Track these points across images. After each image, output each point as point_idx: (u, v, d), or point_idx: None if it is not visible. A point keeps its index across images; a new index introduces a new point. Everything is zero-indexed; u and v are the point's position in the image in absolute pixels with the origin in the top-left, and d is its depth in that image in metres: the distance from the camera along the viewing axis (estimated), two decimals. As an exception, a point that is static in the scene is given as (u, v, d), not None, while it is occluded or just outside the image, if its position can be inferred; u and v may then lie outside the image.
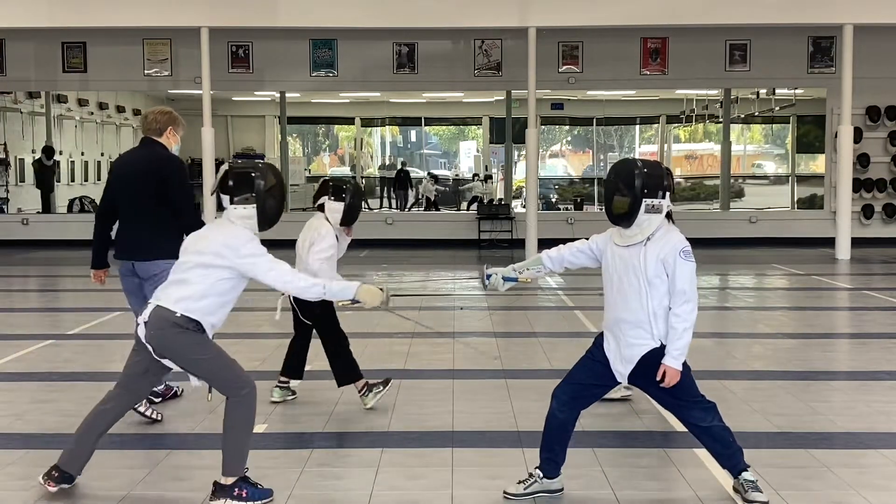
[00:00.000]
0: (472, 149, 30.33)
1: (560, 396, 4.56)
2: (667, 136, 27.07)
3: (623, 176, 4.38)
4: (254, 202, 4.51)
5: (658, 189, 4.34)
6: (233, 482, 4.45)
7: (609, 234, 4.55)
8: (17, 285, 14.38)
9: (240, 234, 4.51)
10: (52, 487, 4.58)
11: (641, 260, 4.35)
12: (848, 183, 16.60)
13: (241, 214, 4.53)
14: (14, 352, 8.16)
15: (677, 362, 4.34)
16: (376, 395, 6.25)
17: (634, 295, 4.37)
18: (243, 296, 4.76)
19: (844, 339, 9.44)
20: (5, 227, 19.24)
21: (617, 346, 4.45)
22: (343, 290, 4.61)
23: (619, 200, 4.36)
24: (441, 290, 11.65)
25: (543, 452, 4.62)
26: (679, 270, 4.32)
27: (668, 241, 4.36)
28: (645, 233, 4.35)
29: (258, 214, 4.53)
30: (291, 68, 19.28)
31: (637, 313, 4.37)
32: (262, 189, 4.51)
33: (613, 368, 4.47)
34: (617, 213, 4.38)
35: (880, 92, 18.74)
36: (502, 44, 18.96)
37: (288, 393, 6.47)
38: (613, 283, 4.45)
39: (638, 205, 4.31)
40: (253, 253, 4.49)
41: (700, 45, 18.59)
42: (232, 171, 4.54)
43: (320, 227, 6.22)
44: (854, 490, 4.70)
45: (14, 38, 18.86)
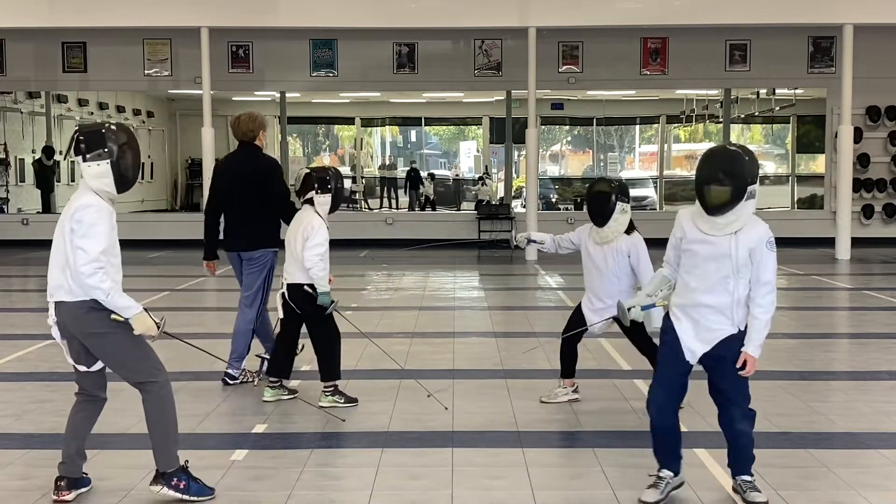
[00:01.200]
0: (472, 149, 30.33)
1: (655, 402, 4.50)
2: (667, 136, 27.06)
3: (727, 165, 4.28)
4: (106, 158, 4.38)
5: (757, 175, 4.35)
6: (171, 472, 4.50)
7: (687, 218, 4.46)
8: (17, 285, 14.38)
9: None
10: (68, 496, 4.56)
11: (733, 249, 4.32)
12: (848, 183, 16.60)
13: (95, 173, 4.40)
14: (14, 352, 8.16)
15: (759, 352, 4.36)
16: (335, 402, 6.24)
17: (720, 282, 4.35)
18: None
19: (844, 339, 9.44)
20: (5, 227, 19.24)
21: (695, 329, 4.42)
22: (125, 307, 4.38)
23: (720, 190, 4.25)
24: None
25: (660, 455, 4.56)
26: (765, 261, 4.34)
27: (756, 231, 4.35)
28: (742, 220, 4.31)
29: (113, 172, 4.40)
30: (291, 68, 19.28)
31: (722, 300, 4.36)
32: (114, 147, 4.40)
33: (685, 347, 4.42)
34: (717, 204, 4.27)
35: (880, 92, 18.73)
36: (502, 44, 18.96)
37: (283, 392, 6.46)
38: (696, 269, 4.40)
39: (743, 193, 4.25)
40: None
41: (700, 45, 18.58)
42: (81, 130, 4.45)
43: (311, 220, 6.25)
44: (854, 490, 4.70)
45: (14, 38, 18.85)
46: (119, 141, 4.43)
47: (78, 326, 4.42)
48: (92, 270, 4.28)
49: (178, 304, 11.32)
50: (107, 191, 4.43)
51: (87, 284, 4.30)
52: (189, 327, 9.59)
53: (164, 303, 11.34)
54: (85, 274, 4.28)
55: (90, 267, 4.28)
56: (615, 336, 8.14)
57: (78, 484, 4.64)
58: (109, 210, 4.42)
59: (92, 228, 4.32)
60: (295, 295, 6.31)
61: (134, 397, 6.13)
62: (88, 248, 4.29)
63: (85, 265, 4.28)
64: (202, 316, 10.75)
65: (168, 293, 12.24)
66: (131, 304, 4.39)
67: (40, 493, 4.64)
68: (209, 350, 5.88)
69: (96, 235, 4.32)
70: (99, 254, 4.30)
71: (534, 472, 4.95)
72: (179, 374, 7.35)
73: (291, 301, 6.33)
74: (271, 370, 6.51)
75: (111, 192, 4.44)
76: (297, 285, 6.30)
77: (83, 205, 4.36)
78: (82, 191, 4.44)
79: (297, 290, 6.30)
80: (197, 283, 13.36)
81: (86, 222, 4.32)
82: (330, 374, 6.32)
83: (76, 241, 4.31)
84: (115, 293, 4.34)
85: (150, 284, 13.10)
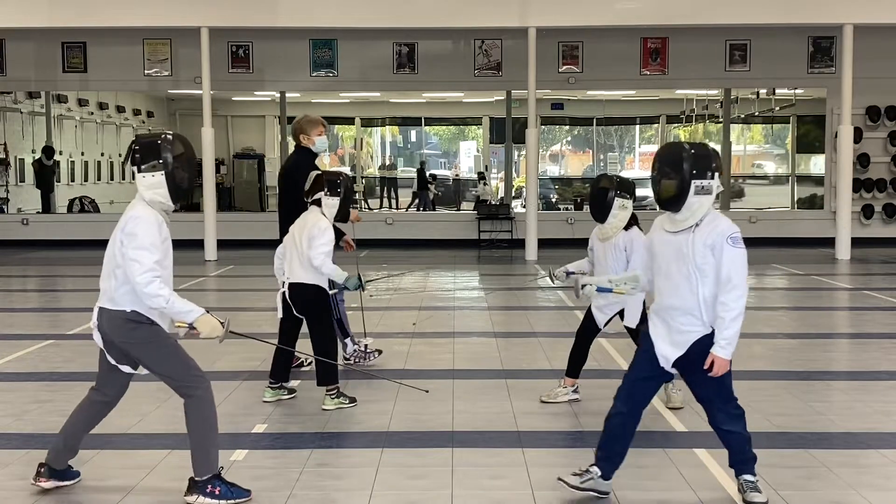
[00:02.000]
0: (472, 149, 30.34)
1: (617, 395, 4.53)
2: (667, 136, 27.07)
3: (669, 159, 4.32)
4: (161, 169, 4.42)
5: (707, 170, 4.27)
6: (206, 479, 4.48)
7: (658, 222, 4.50)
8: (17, 285, 14.39)
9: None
10: (45, 483, 4.60)
11: (690, 246, 4.30)
12: (848, 183, 16.60)
13: (149, 183, 4.44)
14: (14, 352, 8.16)
15: (725, 352, 4.29)
16: (340, 404, 6.25)
17: (684, 282, 4.32)
18: (242, 295, 4.76)
19: (844, 339, 9.44)
20: (5, 227, 19.24)
21: (667, 331, 4.41)
22: (187, 311, 4.45)
23: (666, 184, 4.29)
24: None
25: (599, 451, 4.57)
26: (726, 257, 4.26)
27: (715, 227, 4.30)
28: (696, 216, 4.29)
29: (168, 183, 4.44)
30: (291, 68, 19.27)
31: (687, 300, 4.33)
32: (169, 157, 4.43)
33: (659, 352, 4.41)
34: (665, 198, 4.31)
35: (880, 92, 18.73)
36: (502, 44, 18.96)
37: (283, 393, 6.47)
38: (661, 269, 4.42)
39: (687, 187, 4.25)
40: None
41: (700, 45, 18.58)
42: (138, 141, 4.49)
43: (318, 221, 6.28)
44: (854, 490, 4.70)
45: (14, 38, 18.85)
46: (175, 152, 4.46)
47: (117, 334, 4.47)
48: (149, 279, 4.33)
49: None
50: (160, 201, 4.47)
51: (146, 293, 4.34)
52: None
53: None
54: (142, 283, 4.33)
55: (147, 276, 4.33)
56: (615, 336, 8.15)
57: (62, 476, 4.65)
58: (159, 220, 4.45)
59: (143, 240, 4.37)
60: (296, 294, 6.31)
61: (134, 397, 6.11)
62: (142, 259, 4.34)
63: (141, 275, 4.33)
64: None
65: (168, 293, 12.22)
66: (193, 307, 4.45)
67: (40, 492, 4.63)
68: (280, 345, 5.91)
69: (148, 247, 4.36)
70: (154, 263, 4.36)
71: (534, 472, 4.95)
72: (179, 374, 7.36)
73: (291, 300, 6.33)
74: (272, 372, 6.51)
75: (165, 203, 4.48)
76: (299, 284, 6.30)
77: (133, 217, 4.42)
78: (136, 201, 4.48)
79: (298, 289, 6.30)
80: (197, 283, 13.37)
81: (139, 234, 4.37)
82: (329, 378, 6.31)
83: (129, 254, 4.37)
84: (174, 299, 4.40)
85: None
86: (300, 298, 6.31)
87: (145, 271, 4.33)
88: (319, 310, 6.34)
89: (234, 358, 7.95)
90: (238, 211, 23.68)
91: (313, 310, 6.33)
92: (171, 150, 4.44)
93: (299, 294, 6.31)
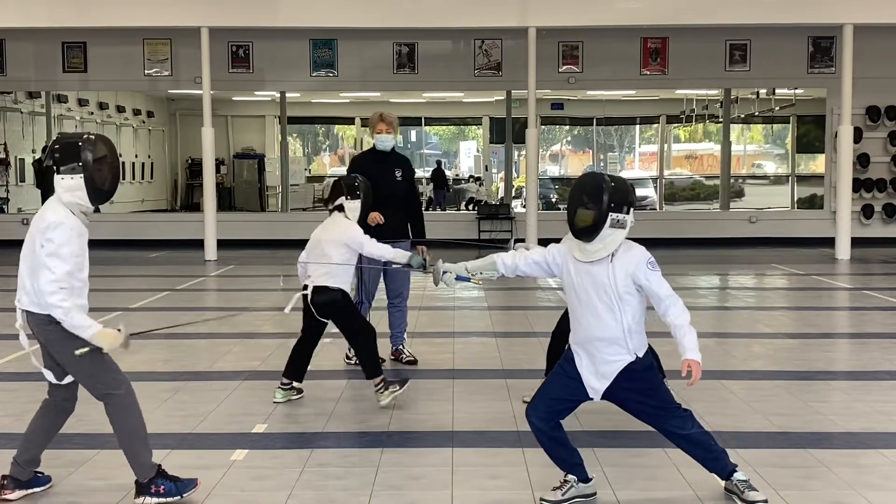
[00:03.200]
0: (472, 149, 30.34)
1: (535, 414, 4.47)
2: (667, 136, 27.07)
3: (589, 189, 4.30)
4: (81, 172, 4.30)
5: (624, 204, 4.27)
6: (148, 480, 4.47)
7: (568, 248, 4.46)
8: (17, 285, 14.35)
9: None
10: (10, 495, 4.53)
11: (611, 277, 4.29)
12: (848, 183, 16.60)
13: (68, 186, 4.31)
14: (14, 352, 8.15)
15: (696, 354, 4.31)
16: (392, 393, 6.24)
17: (607, 312, 4.32)
18: (242, 295, 4.76)
19: (844, 339, 9.43)
20: (5, 227, 19.21)
21: (591, 363, 4.40)
22: (83, 327, 4.32)
23: (583, 213, 4.27)
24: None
25: (557, 463, 4.57)
26: (653, 280, 4.31)
27: (632, 255, 4.32)
28: (608, 248, 4.29)
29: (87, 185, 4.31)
30: (291, 68, 19.28)
31: (612, 330, 4.33)
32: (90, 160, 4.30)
33: (587, 384, 4.42)
34: (580, 227, 4.29)
35: (880, 92, 18.73)
36: (502, 44, 18.96)
37: (292, 393, 6.46)
38: (581, 300, 4.39)
39: (604, 219, 4.24)
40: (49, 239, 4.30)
41: (700, 45, 18.58)
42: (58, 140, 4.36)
43: (350, 226, 6.31)
44: (854, 490, 4.70)
45: (14, 38, 18.85)
46: (97, 154, 4.33)
47: (44, 335, 4.41)
48: (54, 289, 4.24)
49: (178, 305, 11.33)
50: (79, 203, 4.35)
51: (48, 302, 4.26)
52: (190, 327, 9.59)
53: (164, 303, 11.34)
54: (46, 292, 4.25)
55: (53, 286, 4.24)
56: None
57: (29, 484, 4.59)
58: (81, 229, 4.34)
59: (60, 248, 4.26)
60: (318, 298, 6.28)
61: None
62: (54, 267, 4.25)
63: (48, 283, 4.24)
64: (203, 316, 10.75)
65: (168, 293, 12.23)
66: (91, 323, 4.33)
67: (40, 492, 4.63)
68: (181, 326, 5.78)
69: (64, 256, 4.26)
70: (64, 274, 4.25)
71: (534, 472, 4.95)
72: (179, 374, 7.37)
73: (312, 303, 6.30)
74: (287, 372, 6.46)
75: (84, 205, 4.37)
76: (322, 288, 6.27)
77: (56, 222, 4.28)
78: (55, 203, 4.34)
79: (321, 293, 6.27)
80: (197, 283, 13.37)
81: (55, 241, 4.25)
82: (373, 370, 6.29)
83: (43, 259, 4.26)
84: (74, 312, 4.28)
85: (150, 284, 13.10)
86: (320, 302, 6.29)
87: (53, 280, 4.24)
88: (347, 310, 6.35)
89: (234, 358, 7.95)
90: (238, 211, 23.69)
91: (340, 312, 6.33)
92: (91, 152, 4.32)
93: (319, 297, 6.28)
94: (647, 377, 4.45)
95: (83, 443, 5.46)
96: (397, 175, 7.46)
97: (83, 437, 5.52)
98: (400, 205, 7.36)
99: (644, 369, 4.41)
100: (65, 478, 4.89)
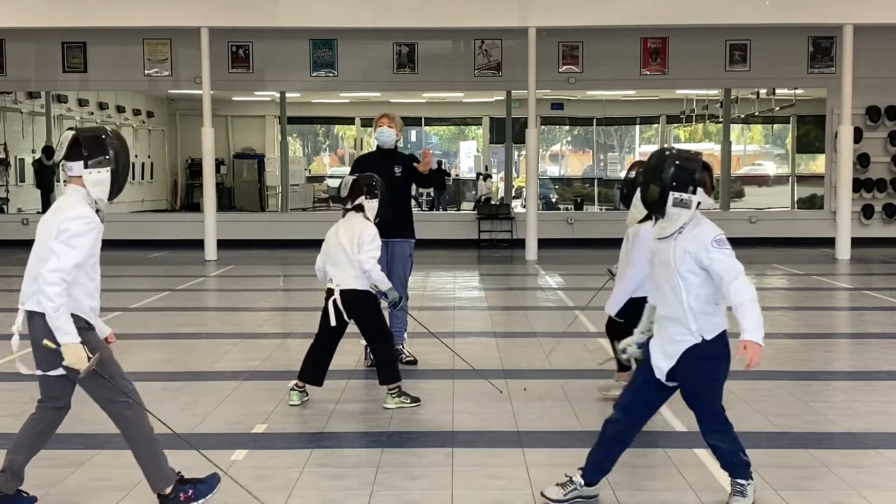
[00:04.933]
0: (472, 149, 30.34)
1: (617, 402, 4.53)
2: (667, 136, 27.06)
3: (655, 165, 4.31)
4: (108, 165, 4.23)
5: (688, 184, 4.23)
6: (171, 489, 4.33)
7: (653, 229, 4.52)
8: (17, 285, 14.32)
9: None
10: None
11: (672, 254, 4.27)
12: (848, 183, 16.60)
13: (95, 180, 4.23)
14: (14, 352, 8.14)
15: (754, 335, 4.18)
16: (402, 403, 6.25)
17: (670, 290, 4.29)
18: (242, 295, 4.75)
19: (844, 339, 9.44)
20: (5, 227, 19.22)
21: (661, 343, 4.38)
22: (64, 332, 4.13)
23: (652, 189, 4.28)
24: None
25: (592, 457, 4.52)
26: (715, 259, 4.21)
27: (697, 233, 4.25)
28: (675, 226, 4.27)
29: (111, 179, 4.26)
30: (291, 68, 19.27)
31: (675, 309, 4.29)
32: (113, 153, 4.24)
33: (654, 364, 4.38)
34: (650, 201, 4.32)
35: (880, 92, 18.72)
36: (502, 44, 18.95)
37: (305, 395, 6.43)
38: (655, 277, 4.42)
39: (666, 197, 4.24)
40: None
41: (700, 45, 18.58)
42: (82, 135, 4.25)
43: (367, 228, 6.29)
44: (854, 490, 4.70)
45: (14, 38, 18.85)
46: (117, 147, 4.29)
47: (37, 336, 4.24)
48: (56, 280, 4.07)
49: (179, 304, 11.33)
50: (102, 199, 4.29)
51: (46, 291, 4.08)
52: (189, 327, 9.60)
53: (164, 303, 11.34)
54: (47, 280, 4.07)
55: (55, 276, 4.07)
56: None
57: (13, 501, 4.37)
58: (100, 226, 4.26)
59: (75, 239, 4.12)
60: (347, 301, 6.26)
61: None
62: (63, 255, 4.09)
63: (52, 271, 4.08)
64: (203, 316, 10.76)
65: (168, 293, 12.23)
66: (73, 331, 4.12)
67: (40, 493, 4.63)
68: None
69: (77, 247, 4.12)
70: (72, 266, 4.10)
71: (534, 472, 4.95)
72: (180, 374, 7.37)
73: (344, 307, 6.26)
74: (304, 376, 6.39)
75: (104, 200, 4.30)
76: (351, 291, 6.25)
77: (76, 214, 4.17)
78: (75, 199, 4.24)
79: (350, 296, 6.26)
80: (197, 283, 13.37)
81: (72, 230, 4.12)
82: (390, 376, 6.29)
83: (54, 245, 4.11)
84: (64, 311, 4.10)
85: (151, 284, 13.11)
86: (352, 305, 6.28)
87: (57, 269, 4.07)
88: (370, 311, 6.34)
89: (234, 358, 7.95)
90: (238, 211, 23.69)
91: (364, 312, 6.32)
92: (114, 146, 4.27)
93: (351, 300, 6.27)
94: (707, 367, 4.33)
95: (83, 443, 5.46)
96: (396, 171, 7.47)
97: (83, 437, 5.53)
98: (399, 202, 7.34)
99: (706, 357, 4.30)
100: (65, 478, 4.89)
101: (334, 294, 6.26)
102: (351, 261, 6.23)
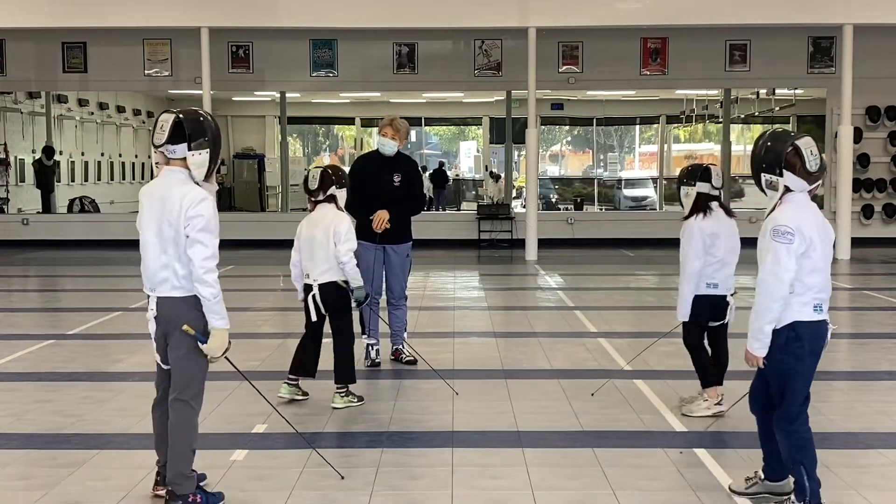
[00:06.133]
0: (472, 149, 30.35)
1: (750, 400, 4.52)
2: (667, 136, 27.08)
3: (755, 147, 4.30)
4: (207, 147, 4.28)
5: (775, 166, 4.16)
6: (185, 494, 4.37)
7: None
8: (17, 285, 14.38)
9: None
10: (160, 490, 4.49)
11: (761, 233, 4.26)
12: (848, 183, 16.60)
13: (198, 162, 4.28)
14: (14, 352, 8.16)
15: (749, 343, 4.21)
16: (349, 403, 6.27)
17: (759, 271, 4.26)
18: (242, 295, 4.75)
19: (844, 339, 9.43)
20: (5, 227, 19.23)
21: None
22: (221, 315, 4.29)
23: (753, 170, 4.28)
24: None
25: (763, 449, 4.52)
26: (765, 248, 4.19)
27: (770, 219, 4.21)
28: (770, 206, 4.25)
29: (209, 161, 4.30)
30: (291, 68, 19.28)
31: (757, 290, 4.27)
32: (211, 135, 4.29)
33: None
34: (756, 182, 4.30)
35: (880, 92, 18.72)
36: (502, 44, 18.96)
37: (298, 392, 6.43)
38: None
39: (757, 177, 4.22)
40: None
41: (700, 45, 18.58)
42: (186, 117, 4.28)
43: (342, 219, 6.29)
44: (854, 490, 4.70)
45: (14, 38, 18.85)
46: (214, 129, 4.34)
47: (178, 320, 4.30)
48: (210, 266, 4.20)
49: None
50: (200, 180, 4.31)
51: (204, 279, 4.18)
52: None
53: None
54: (204, 268, 4.18)
55: (209, 263, 4.19)
56: (616, 336, 8.16)
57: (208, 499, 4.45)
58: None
59: (210, 223, 4.21)
60: (326, 293, 6.28)
61: (134, 397, 6.12)
62: (208, 242, 4.19)
63: (204, 260, 4.17)
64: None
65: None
66: (227, 316, 4.31)
67: (40, 492, 4.63)
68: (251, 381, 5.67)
69: (213, 229, 4.22)
70: (216, 249, 4.22)
71: (534, 472, 4.95)
72: (179, 374, 7.36)
73: (322, 300, 6.29)
74: (295, 369, 6.44)
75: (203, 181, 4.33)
76: (329, 284, 6.27)
77: (200, 197, 4.21)
78: (184, 180, 4.26)
79: (328, 289, 6.27)
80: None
81: (205, 215, 4.18)
82: (347, 376, 6.31)
83: (195, 235, 4.17)
84: (221, 297, 4.25)
85: (150, 284, 13.09)
86: (329, 297, 6.29)
87: (210, 256, 4.19)
88: (343, 306, 6.35)
89: (234, 358, 7.93)
90: (238, 211, 23.69)
91: (339, 306, 6.33)
92: (212, 128, 4.32)
93: (328, 292, 6.28)
94: (775, 358, 4.27)
95: (83, 443, 5.46)
96: (395, 180, 7.49)
97: (83, 437, 5.53)
98: (394, 209, 7.32)
99: (774, 347, 4.25)
100: (65, 478, 4.89)
101: (313, 290, 6.28)
102: (327, 254, 6.23)
